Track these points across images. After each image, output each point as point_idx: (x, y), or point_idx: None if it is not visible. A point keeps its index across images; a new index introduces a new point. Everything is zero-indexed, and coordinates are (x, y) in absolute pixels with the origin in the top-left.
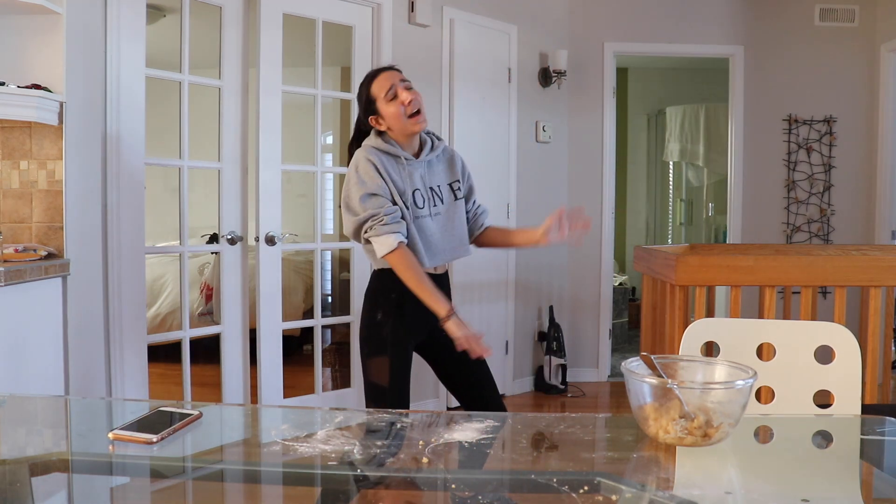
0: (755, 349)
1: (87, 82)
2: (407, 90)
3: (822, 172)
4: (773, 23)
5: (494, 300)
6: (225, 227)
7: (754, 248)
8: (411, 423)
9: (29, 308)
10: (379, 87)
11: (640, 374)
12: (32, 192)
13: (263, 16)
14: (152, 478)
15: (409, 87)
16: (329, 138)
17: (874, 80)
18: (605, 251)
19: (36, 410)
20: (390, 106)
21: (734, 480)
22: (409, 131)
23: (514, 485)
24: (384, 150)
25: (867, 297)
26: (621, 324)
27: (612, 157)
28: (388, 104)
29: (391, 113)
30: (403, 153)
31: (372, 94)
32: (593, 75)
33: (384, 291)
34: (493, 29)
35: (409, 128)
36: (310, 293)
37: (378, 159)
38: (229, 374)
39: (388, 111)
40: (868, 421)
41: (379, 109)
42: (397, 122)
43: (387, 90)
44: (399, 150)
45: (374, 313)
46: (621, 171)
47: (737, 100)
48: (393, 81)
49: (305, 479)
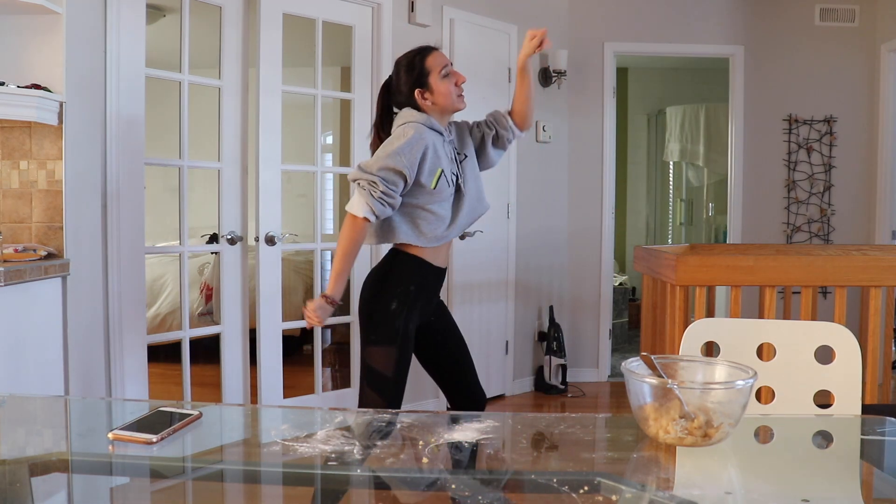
0: (755, 349)
1: (87, 82)
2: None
3: (822, 172)
4: (773, 23)
5: (494, 300)
6: (225, 227)
7: (754, 248)
8: (411, 423)
9: (29, 308)
10: (435, 62)
11: (640, 374)
12: (32, 192)
13: (263, 16)
14: (152, 478)
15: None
16: (329, 138)
17: (874, 80)
18: (605, 251)
19: (36, 410)
20: (443, 83)
21: (734, 480)
22: (455, 108)
23: (514, 485)
24: (436, 128)
25: (867, 297)
26: (621, 324)
27: (612, 157)
28: (442, 80)
29: (443, 90)
30: (445, 132)
31: (427, 66)
32: (593, 75)
33: (403, 281)
34: (493, 29)
35: (456, 105)
36: (310, 293)
37: (432, 141)
38: (229, 374)
39: (440, 87)
40: (868, 421)
41: (430, 83)
42: (447, 99)
43: (442, 66)
44: (443, 130)
45: (388, 300)
46: (621, 171)
47: (737, 100)
48: (446, 61)
49: (305, 480)
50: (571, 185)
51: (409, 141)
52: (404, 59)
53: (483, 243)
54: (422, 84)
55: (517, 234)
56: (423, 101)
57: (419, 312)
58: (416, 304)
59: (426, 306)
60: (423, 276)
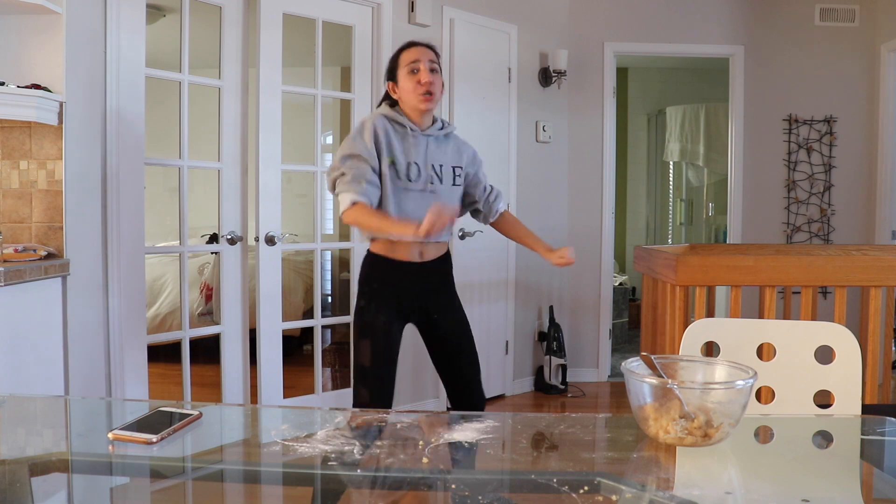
0: (755, 349)
1: (87, 82)
2: (431, 72)
3: (822, 172)
4: (773, 23)
5: (494, 300)
6: (225, 227)
7: (754, 248)
8: (411, 423)
9: (29, 308)
10: (406, 58)
11: (641, 374)
12: (32, 192)
13: (263, 16)
14: (152, 478)
15: (433, 70)
16: (329, 138)
17: (874, 80)
18: (605, 251)
19: (36, 410)
20: (407, 79)
21: (734, 480)
22: (415, 107)
23: (514, 485)
24: (393, 118)
25: (867, 297)
26: (621, 324)
27: (612, 157)
28: (407, 77)
29: (405, 86)
30: (410, 123)
31: (400, 60)
32: (593, 75)
33: (367, 280)
34: (493, 29)
35: (416, 104)
36: (310, 293)
37: (382, 125)
38: (229, 375)
39: (403, 83)
40: (868, 421)
41: (397, 77)
42: (409, 95)
43: (410, 62)
44: (406, 121)
45: (359, 300)
46: (621, 171)
47: (737, 100)
48: (420, 57)
49: (305, 480)
50: (571, 185)
51: (357, 128)
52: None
53: (483, 243)
54: (392, 77)
55: None
56: (394, 93)
57: (393, 307)
58: (382, 299)
59: (404, 300)
60: (381, 270)
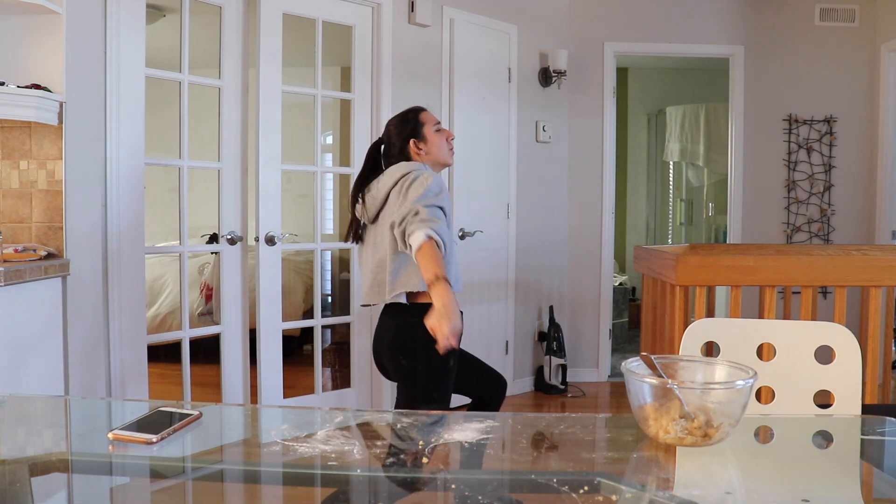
0: (755, 349)
1: (87, 82)
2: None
3: (822, 172)
4: (773, 23)
5: (494, 300)
6: (225, 227)
7: (754, 248)
8: (411, 423)
9: (29, 308)
10: (428, 117)
11: (640, 374)
12: (32, 192)
13: (263, 16)
14: (152, 478)
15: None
16: (329, 138)
17: (874, 80)
18: (605, 251)
19: (36, 410)
20: (438, 136)
21: (734, 480)
22: (444, 162)
23: (514, 485)
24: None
25: (867, 297)
26: (621, 324)
27: (612, 157)
28: (436, 134)
29: (437, 141)
30: None
31: (421, 119)
32: (593, 75)
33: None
34: (493, 29)
35: (446, 158)
36: (310, 293)
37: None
38: (229, 375)
39: (434, 139)
40: (868, 421)
41: (425, 134)
42: (439, 150)
43: (435, 122)
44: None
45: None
46: (621, 171)
47: (737, 100)
48: (437, 119)
49: (305, 480)
50: (571, 184)
51: (436, 180)
52: (396, 116)
53: (483, 243)
54: (416, 135)
55: (517, 234)
56: (416, 150)
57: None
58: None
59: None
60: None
